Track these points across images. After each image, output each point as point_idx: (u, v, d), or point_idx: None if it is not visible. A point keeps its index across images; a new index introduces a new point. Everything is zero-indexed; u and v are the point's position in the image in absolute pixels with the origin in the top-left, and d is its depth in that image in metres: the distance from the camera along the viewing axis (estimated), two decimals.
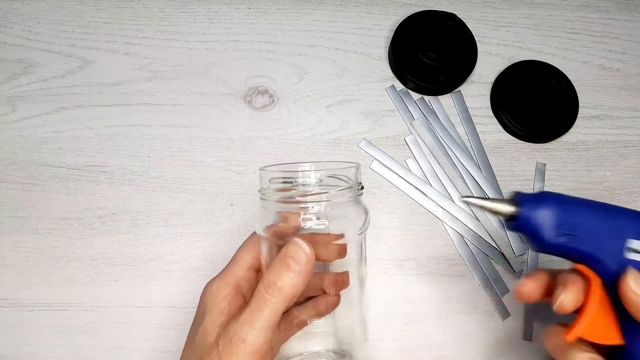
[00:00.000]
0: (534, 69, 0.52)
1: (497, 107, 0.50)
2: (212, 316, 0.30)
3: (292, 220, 0.31)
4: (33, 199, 0.45)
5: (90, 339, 0.42)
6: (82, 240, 0.44)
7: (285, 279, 0.28)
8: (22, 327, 0.42)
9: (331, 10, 0.53)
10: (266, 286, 0.28)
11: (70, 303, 0.43)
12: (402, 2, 0.54)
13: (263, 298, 0.28)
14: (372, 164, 0.48)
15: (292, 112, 0.49)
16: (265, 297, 0.28)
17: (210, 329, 0.29)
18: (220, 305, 0.30)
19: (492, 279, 0.45)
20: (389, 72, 0.51)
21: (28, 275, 0.43)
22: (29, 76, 0.49)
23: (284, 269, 0.29)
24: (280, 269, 0.29)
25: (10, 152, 0.47)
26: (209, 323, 0.30)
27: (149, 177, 0.46)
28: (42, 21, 0.51)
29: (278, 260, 0.29)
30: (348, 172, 0.33)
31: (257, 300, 0.28)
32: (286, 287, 0.28)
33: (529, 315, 0.44)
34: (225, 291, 0.31)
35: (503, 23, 0.54)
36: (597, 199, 0.48)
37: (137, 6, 0.52)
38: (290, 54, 0.51)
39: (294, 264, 0.29)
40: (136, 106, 0.48)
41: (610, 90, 0.52)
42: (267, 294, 0.28)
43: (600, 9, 0.55)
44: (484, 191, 0.48)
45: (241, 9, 0.52)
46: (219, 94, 0.49)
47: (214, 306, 0.31)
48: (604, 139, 0.51)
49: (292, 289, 0.29)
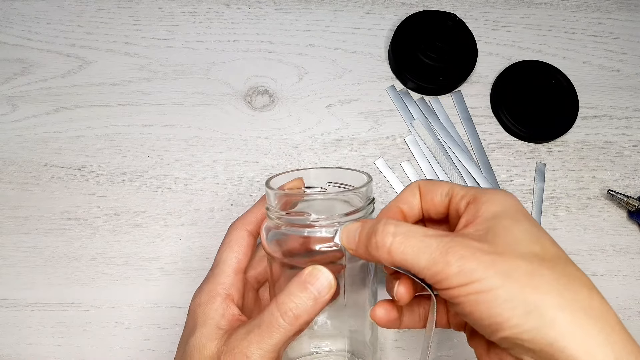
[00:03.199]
0: (534, 69, 0.52)
1: (497, 107, 0.50)
2: (207, 330, 0.29)
3: (303, 242, 0.30)
4: (33, 199, 0.45)
5: (90, 339, 0.42)
6: (82, 240, 0.44)
7: (303, 307, 0.27)
8: (22, 327, 0.42)
9: (331, 10, 0.53)
10: (282, 312, 0.27)
11: (70, 303, 0.43)
12: (402, 2, 0.54)
13: (277, 323, 0.27)
14: (376, 161, 0.48)
15: (292, 112, 0.49)
16: (278, 322, 0.27)
17: (207, 342, 0.28)
18: (215, 319, 0.29)
19: None
20: (389, 72, 0.51)
21: (28, 275, 0.43)
22: (29, 76, 0.49)
23: (305, 297, 0.27)
24: (300, 296, 0.27)
25: (10, 152, 0.47)
26: (205, 337, 0.28)
27: (149, 177, 0.46)
28: (42, 21, 0.51)
29: (297, 286, 0.27)
30: (359, 190, 0.31)
31: (269, 322, 0.27)
32: (304, 316, 0.27)
33: None
34: (216, 303, 0.30)
35: (503, 23, 0.54)
36: (597, 198, 0.49)
37: (137, 6, 0.52)
38: (290, 54, 0.51)
39: (316, 292, 0.27)
40: (136, 106, 0.48)
41: (610, 90, 0.52)
42: (281, 319, 0.27)
43: (600, 9, 0.55)
44: None
45: (241, 9, 0.52)
46: (219, 94, 0.49)
47: (207, 320, 0.29)
48: (604, 139, 0.51)
49: (308, 317, 0.27)
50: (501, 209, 0.25)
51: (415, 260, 0.24)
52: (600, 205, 0.49)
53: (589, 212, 0.48)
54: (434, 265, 0.24)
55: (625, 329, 0.23)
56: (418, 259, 0.24)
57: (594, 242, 0.47)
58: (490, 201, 0.26)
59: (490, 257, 0.23)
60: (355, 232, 0.27)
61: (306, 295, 0.27)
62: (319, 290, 0.27)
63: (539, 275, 0.22)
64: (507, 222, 0.25)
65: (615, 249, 0.47)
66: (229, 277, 0.31)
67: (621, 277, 0.47)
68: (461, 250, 0.23)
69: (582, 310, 0.22)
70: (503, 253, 0.23)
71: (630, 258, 0.47)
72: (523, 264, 0.23)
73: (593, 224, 0.48)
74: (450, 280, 0.23)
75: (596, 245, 0.47)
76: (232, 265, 0.32)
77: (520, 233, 0.24)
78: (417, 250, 0.24)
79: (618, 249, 0.47)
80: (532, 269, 0.23)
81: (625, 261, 0.47)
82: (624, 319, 0.45)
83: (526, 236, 0.24)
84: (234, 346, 0.27)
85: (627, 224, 0.48)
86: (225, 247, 0.33)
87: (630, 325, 0.45)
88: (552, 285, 0.22)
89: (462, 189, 0.28)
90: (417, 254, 0.24)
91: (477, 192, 0.27)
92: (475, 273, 0.23)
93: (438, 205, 0.28)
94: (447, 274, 0.23)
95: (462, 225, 0.26)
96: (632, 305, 0.46)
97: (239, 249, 0.32)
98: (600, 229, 0.48)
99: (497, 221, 0.25)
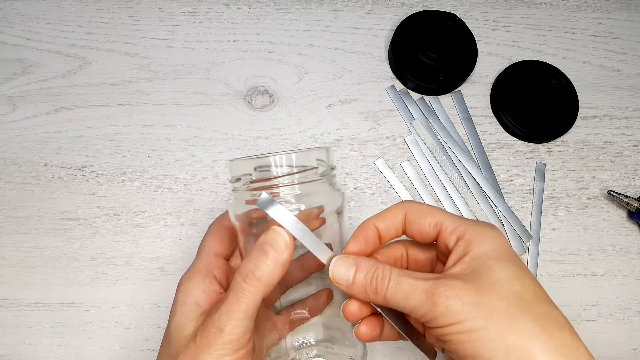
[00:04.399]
0: (534, 69, 0.52)
1: (497, 107, 0.50)
2: (186, 309, 0.29)
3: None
4: (33, 199, 0.45)
5: (90, 339, 0.42)
6: (82, 240, 0.44)
7: (263, 267, 0.27)
8: (22, 327, 0.42)
9: (331, 10, 0.53)
10: (244, 276, 0.27)
11: (70, 303, 0.43)
12: (402, 2, 0.54)
13: (240, 287, 0.27)
14: (377, 161, 0.48)
15: (292, 112, 0.49)
16: (242, 287, 0.27)
17: (186, 322, 0.29)
18: (194, 296, 0.30)
19: None
20: (389, 72, 0.51)
21: (28, 275, 0.43)
22: (29, 76, 0.49)
23: (262, 257, 0.28)
24: (258, 257, 0.28)
25: (10, 152, 0.47)
26: (184, 316, 0.29)
27: (149, 177, 0.46)
28: (42, 21, 0.51)
29: (256, 249, 0.28)
30: (319, 155, 0.32)
31: (235, 289, 0.27)
32: (264, 276, 0.27)
33: None
34: (197, 279, 0.30)
35: (503, 23, 0.54)
36: (597, 198, 0.49)
37: (137, 6, 0.52)
38: (290, 54, 0.51)
39: (272, 251, 0.28)
40: (136, 106, 0.48)
41: (610, 90, 0.52)
42: (244, 283, 0.27)
43: (600, 9, 0.55)
44: (484, 191, 0.48)
45: (241, 9, 0.52)
46: (219, 94, 0.49)
47: (187, 298, 0.30)
48: (604, 139, 0.51)
49: (270, 277, 0.28)
50: (488, 249, 0.27)
51: (406, 302, 0.27)
52: (600, 205, 0.49)
53: (589, 212, 0.48)
54: (422, 306, 0.26)
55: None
56: (409, 301, 0.26)
57: (594, 242, 0.47)
58: (478, 240, 0.28)
59: (473, 299, 0.25)
60: (349, 272, 0.29)
61: (265, 256, 0.28)
62: (276, 249, 0.28)
63: (517, 318, 0.25)
64: (492, 262, 0.27)
65: (615, 249, 0.47)
66: (209, 256, 0.32)
67: (621, 277, 0.47)
68: (447, 291, 0.25)
69: (556, 350, 0.24)
70: (485, 294, 0.25)
71: (630, 258, 0.47)
72: (503, 306, 0.25)
73: (593, 224, 0.48)
74: (438, 320, 0.25)
75: (596, 245, 0.47)
76: (212, 248, 0.33)
77: (503, 272, 0.26)
78: (407, 294, 0.27)
79: (618, 249, 0.47)
80: (511, 310, 0.25)
81: (625, 261, 0.47)
82: (624, 319, 0.45)
83: (509, 275, 0.26)
84: (208, 322, 0.28)
85: (627, 224, 0.48)
86: (206, 233, 0.34)
87: (631, 325, 0.45)
88: (530, 326, 0.24)
89: (452, 222, 0.29)
90: (408, 297, 0.26)
91: (467, 228, 0.28)
92: (460, 314, 0.25)
93: (425, 234, 0.30)
94: (434, 315, 0.25)
95: (452, 262, 0.28)
96: (632, 305, 0.46)
97: (219, 232, 0.33)
98: (600, 229, 0.48)
99: (482, 261, 0.27)
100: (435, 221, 0.29)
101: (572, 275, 0.46)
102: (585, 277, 0.46)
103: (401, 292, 0.27)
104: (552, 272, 0.46)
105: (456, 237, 0.28)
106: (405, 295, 0.27)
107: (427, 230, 0.29)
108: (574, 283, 0.46)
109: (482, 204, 0.48)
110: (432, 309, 0.25)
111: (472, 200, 0.48)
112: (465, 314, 0.25)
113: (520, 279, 0.26)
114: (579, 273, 0.46)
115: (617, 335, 0.45)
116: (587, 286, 0.46)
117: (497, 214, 0.47)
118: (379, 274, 0.28)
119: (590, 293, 0.46)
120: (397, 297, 0.27)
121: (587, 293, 0.46)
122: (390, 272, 0.28)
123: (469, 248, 0.27)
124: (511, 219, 0.47)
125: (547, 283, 0.46)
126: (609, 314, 0.45)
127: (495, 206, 0.48)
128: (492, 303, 0.25)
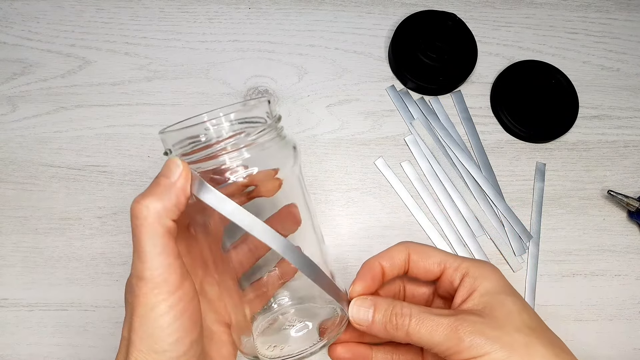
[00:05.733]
0: (534, 69, 0.52)
1: (497, 107, 0.50)
2: None
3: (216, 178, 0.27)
4: (33, 199, 0.45)
5: (90, 339, 0.42)
6: (82, 240, 0.44)
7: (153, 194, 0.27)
8: (22, 327, 0.42)
9: (331, 10, 0.53)
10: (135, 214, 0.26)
11: (70, 303, 0.43)
12: (402, 2, 0.54)
13: (134, 226, 0.26)
14: (377, 161, 0.48)
15: (292, 112, 0.49)
16: (136, 224, 0.26)
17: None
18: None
19: None
20: (389, 72, 0.51)
21: (28, 275, 0.43)
22: (29, 76, 0.49)
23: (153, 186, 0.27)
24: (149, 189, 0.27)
25: (10, 152, 0.47)
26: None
27: (149, 177, 0.46)
28: (42, 21, 0.51)
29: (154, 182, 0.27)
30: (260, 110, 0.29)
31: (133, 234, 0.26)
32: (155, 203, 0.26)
33: None
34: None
35: (503, 23, 0.54)
36: (597, 198, 0.49)
37: (137, 6, 0.52)
38: (290, 54, 0.51)
39: (164, 178, 0.27)
40: (136, 106, 0.48)
41: (610, 90, 0.52)
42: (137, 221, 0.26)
43: (600, 9, 0.55)
44: (484, 191, 0.48)
45: (241, 9, 0.52)
46: (219, 94, 0.49)
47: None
48: (604, 139, 0.51)
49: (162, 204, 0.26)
50: (493, 284, 0.30)
51: (429, 338, 0.28)
52: (600, 205, 0.49)
53: (589, 212, 0.48)
54: (447, 341, 0.27)
55: None
56: (432, 337, 0.28)
57: (594, 242, 0.47)
58: (482, 276, 0.30)
59: (494, 333, 0.27)
60: (368, 313, 0.30)
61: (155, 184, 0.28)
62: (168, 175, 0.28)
63: (532, 346, 0.27)
64: (501, 297, 0.29)
65: (615, 249, 0.47)
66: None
67: (621, 277, 0.47)
68: (469, 326, 0.27)
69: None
70: (502, 327, 0.28)
71: (630, 258, 0.47)
72: (520, 337, 0.27)
73: (593, 224, 0.48)
74: (462, 354, 0.27)
75: (596, 245, 0.47)
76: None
77: (512, 305, 0.29)
78: (431, 330, 0.28)
79: (618, 249, 0.47)
80: (527, 340, 0.27)
81: (625, 261, 0.47)
82: (624, 319, 0.45)
83: (517, 307, 0.29)
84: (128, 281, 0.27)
85: (627, 224, 0.48)
86: None
87: (630, 325, 0.45)
88: (542, 352, 0.27)
89: (454, 260, 0.31)
90: (431, 333, 0.28)
91: (470, 265, 0.31)
92: (484, 347, 0.27)
93: (429, 273, 0.32)
94: (460, 348, 0.27)
95: (461, 299, 0.30)
96: (632, 305, 0.46)
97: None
98: (600, 229, 0.48)
99: (492, 297, 0.29)
100: (438, 260, 0.31)
101: (572, 275, 0.46)
102: (585, 277, 0.46)
103: (425, 329, 0.28)
104: (552, 272, 0.46)
105: (461, 275, 0.30)
106: (429, 331, 0.28)
107: (432, 269, 0.31)
108: (574, 283, 0.46)
109: (482, 204, 0.48)
110: (458, 344, 0.27)
111: (472, 200, 0.48)
112: (489, 346, 0.27)
113: (526, 310, 0.29)
114: (579, 273, 0.46)
115: (617, 335, 0.45)
116: (587, 286, 0.46)
117: (497, 214, 0.47)
118: (398, 311, 0.29)
119: (590, 293, 0.46)
120: (421, 333, 0.28)
121: (587, 293, 0.46)
122: (411, 310, 0.29)
123: (475, 284, 0.30)
124: (511, 219, 0.47)
125: (547, 283, 0.46)
126: (609, 314, 0.45)
127: (495, 206, 0.48)
128: (510, 335, 0.27)
